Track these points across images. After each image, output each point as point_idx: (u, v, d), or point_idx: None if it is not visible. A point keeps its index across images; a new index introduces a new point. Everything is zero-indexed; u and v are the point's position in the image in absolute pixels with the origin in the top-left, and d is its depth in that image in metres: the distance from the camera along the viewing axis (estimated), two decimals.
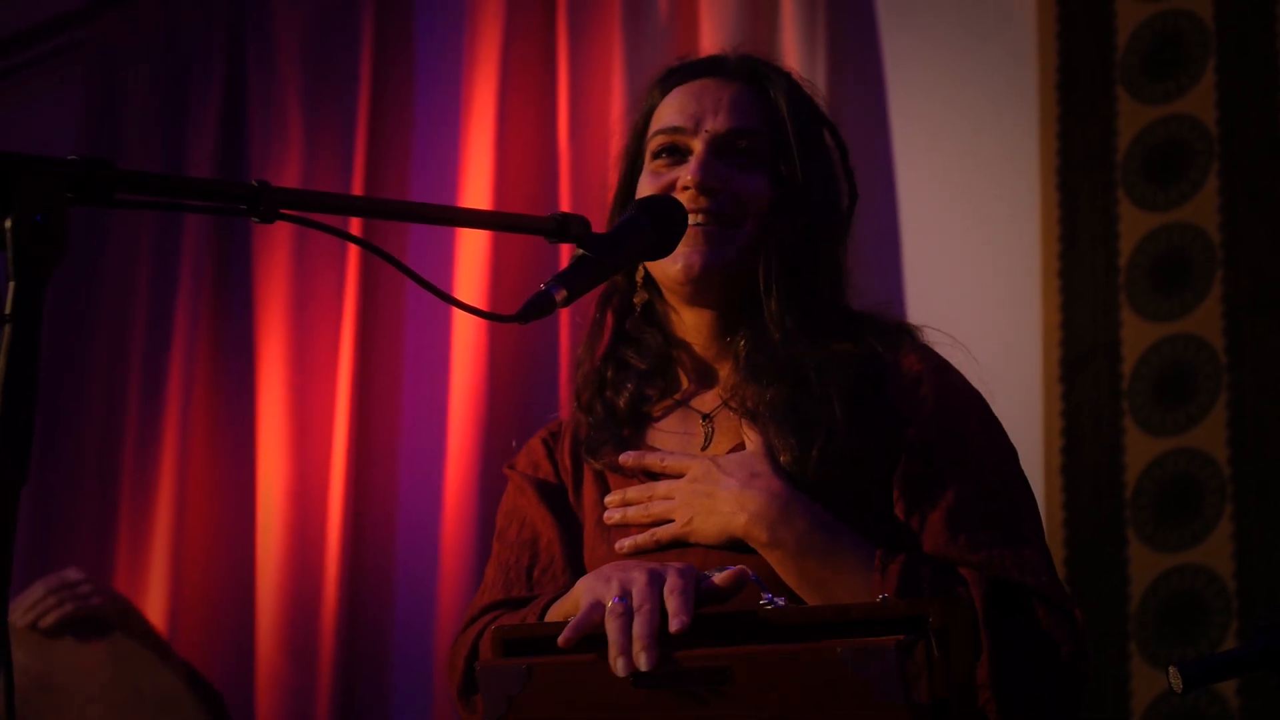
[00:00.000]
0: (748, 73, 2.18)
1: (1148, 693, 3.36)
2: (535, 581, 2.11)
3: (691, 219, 2.07)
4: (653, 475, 2.08)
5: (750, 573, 1.78)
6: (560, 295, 1.86)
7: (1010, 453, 2.06)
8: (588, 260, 1.92)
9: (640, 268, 2.17)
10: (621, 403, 2.16)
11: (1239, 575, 3.31)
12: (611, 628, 1.69)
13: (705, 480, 2.01)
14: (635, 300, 2.18)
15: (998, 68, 3.76)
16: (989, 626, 1.84)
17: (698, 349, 2.15)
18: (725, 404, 2.10)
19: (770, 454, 2.00)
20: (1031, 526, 2.00)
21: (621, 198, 2.20)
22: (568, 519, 2.16)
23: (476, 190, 4.32)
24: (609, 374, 2.18)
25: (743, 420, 2.06)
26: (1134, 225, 3.54)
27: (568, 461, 2.20)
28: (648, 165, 2.16)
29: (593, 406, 2.18)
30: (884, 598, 1.71)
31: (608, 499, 2.10)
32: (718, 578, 1.76)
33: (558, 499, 2.18)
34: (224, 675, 4.49)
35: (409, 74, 4.70)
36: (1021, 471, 2.06)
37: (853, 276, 2.27)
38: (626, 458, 2.11)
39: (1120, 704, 3.37)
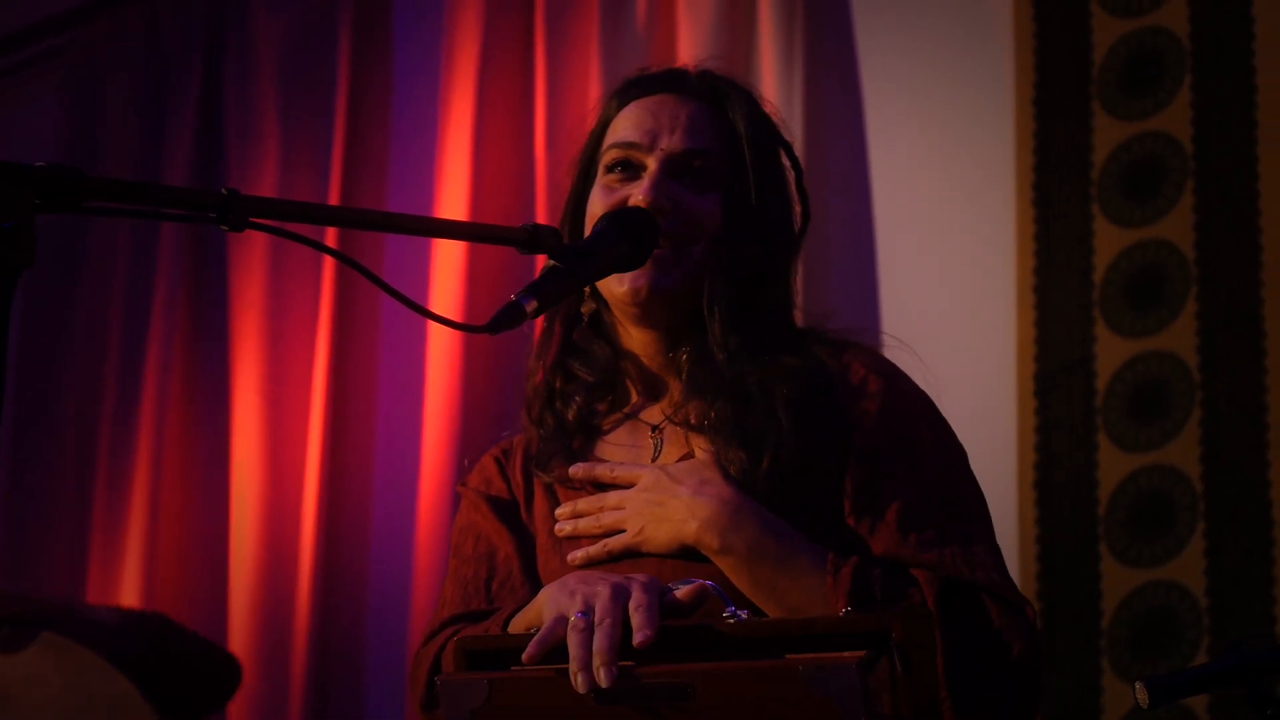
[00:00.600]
0: (707, 91, 2.16)
1: (1119, 708, 3.36)
2: (494, 595, 2.10)
3: None
4: (603, 486, 2.08)
5: (713, 586, 1.78)
6: (531, 306, 1.86)
7: (958, 453, 2.07)
8: (559, 271, 1.92)
9: None
10: (570, 415, 2.15)
11: (1211, 591, 3.32)
12: (573, 643, 1.68)
13: (656, 489, 2.01)
14: (583, 310, 2.16)
15: (974, 82, 3.77)
16: (942, 626, 1.84)
17: (644, 361, 2.14)
18: (669, 419, 2.10)
19: (719, 463, 2.00)
20: (980, 525, 2.00)
21: (571, 207, 2.19)
22: (522, 533, 2.15)
23: (453, 201, 4.32)
24: (557, 385, 2.17)
25: (689, 433, 2.06)
26: (1109, 242, 3.54)
27: (519, 477, 2.19)
28: (600, 178, 2.14)
29: (543, 418, 2.17)
30: (847, 611, 1.71)
31: (558, 511, 2.09)
32: (680, 592, 1.76)
33: (511, 514, 2.17)
34: None
35: (386, 84, 4.70)
36: (970, 471, 2.06)
37: (823, 286, 2.27)
38: (576, 469, 2.10)
39: (1091, 718, 3.37)
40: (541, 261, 1.97)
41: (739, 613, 1.69)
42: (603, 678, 1.65)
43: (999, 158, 3.68)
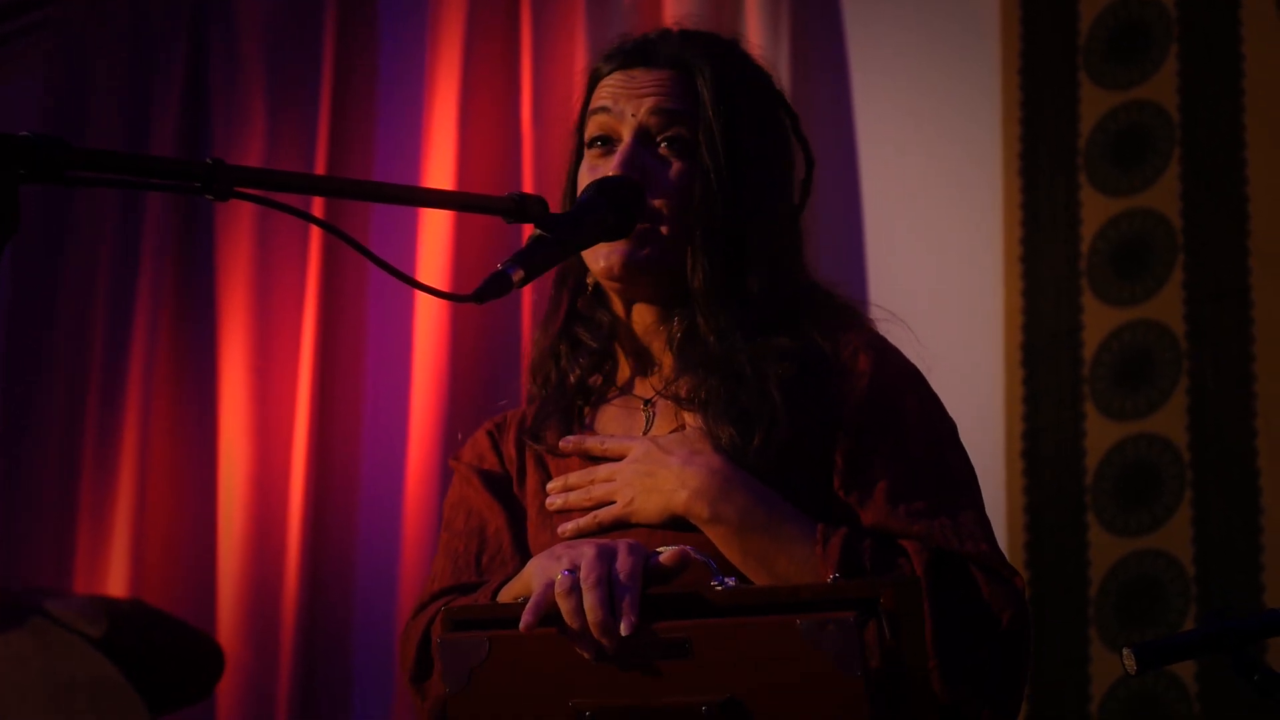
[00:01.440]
0: (677, 58, 2.15)
1: (1107, 676, 3.37)
2: (484, 568, 2.10)
3: None
4: (593, 460, 2.08)
5: (695, 552, 1.78)
6: (517, 275, 1.86)
7: (947, 426, 2.07)
8: (545, 241, 1.92)
9: None
10: (572, 379, 2.15)
11: (1198, 560, 3.33)
12: (564, 608, 1.70)
13: (646, 460, 2.01)
14: (587, 280, 2.16)
15: (961, 53, 3.77)
16: (931, 596, 1.85)
17: (637, 333, 2.14)
18: (660, 393, 2.10)
19: (711, 435, 2.01)
20: (969, 496, 2.01)
21: (567, 182, 2.19)
22: (514, 507, 2.15)
23: (440, 174, 4.32)
24: (562, 348, 2.17)
25: (681, 408, 2.06)
26: (1096, 211, 3.55)
27: (512, 451, 2.19)
28: (586, 154, 2.14)
29: (547, 380, 2.17)
30: (835, 578, 1.72)
31: (549, 485, 2.09)
32: (663, 556, 1.77)
33: (503, 488, 2.17)
34: None
35: (372, 57, 4.69)
36: (960, 443, 2.06)
37: (811, 260, 2.26)
38: (566, 442, 2.10)
39: (1080, 687, 3.38)
40: (528, 231, 1.96)
41: (725, 580, 1.70)
42: (607, 645, 1.68)
43: (986, 127, 3.68)
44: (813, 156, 2.25)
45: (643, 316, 2.13)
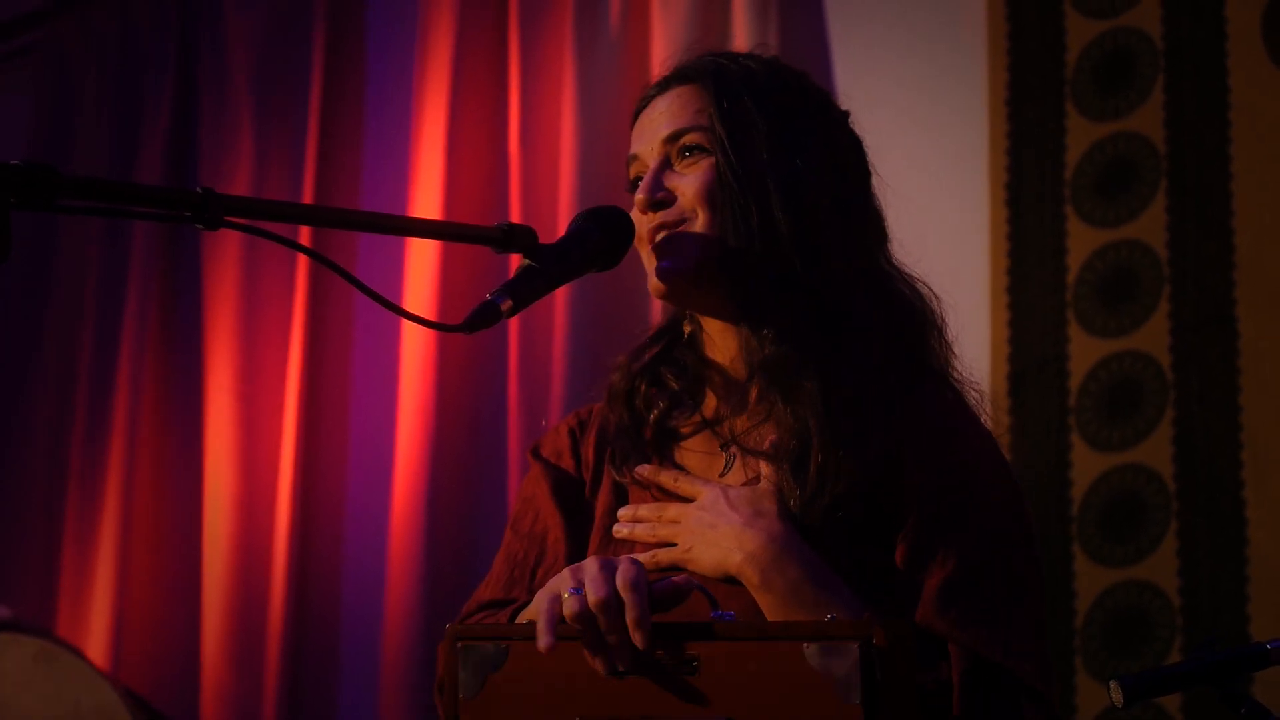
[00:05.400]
0: (683, 75, 2.15)
1: (1093, 706, 3.37)
2: (539, 579, 2.11)
3: (650, 238, 2.07)
4: (666, 493, 2.08)
5: (697, 584, 1.79)
6: (506, 305, 1.86)
7: (1021, 520, 2.02)
8: (534, 270, 1.92)
9: None
10: (651, 417, 2.15)
11: (1184, 590, 3.33)
12: (570, 619, 1.73)
13: (712, 510, 2.00)
14: (685, 327, 2.17)
15: (948, 82, 3.77)
16: (963, 709, 1.84)
17: (726, 366, 2.13)
18: (738, 441, 2.08)
19: (780, 493, 1.99)
20: (1028, 606, 1.96)
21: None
22: (578, 516, 2.16)
23: (427, 201, 4.32)
24: (642, 387, 2.16)
25: (757, 457, 2.05)
26: (1082, 241, 3.55)
27: (590, 456, 2.19)
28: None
29: (621, 414, 2.16)
30: (832, 617, 1.73)
31: (620, 512, 2.09)
32: (665, 583, 1.78)
33: (571, 495, 2.17)
34: (168, 684, 4.48)
35: (360, 84, 4.69)
36: (1029, 541, 2.01)
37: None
38: (642, 470, 2.10)
39: (1065, 718, 3.38)
40: (516, 260, 1.96)
41: (725, 614, 1.73)
42: (624, 662, 1.71)
43: (972, 157, 3.69)
44: (858, 139, 2.21)
45: (724, 339, 2.12)
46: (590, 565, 1.76)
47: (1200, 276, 3.42)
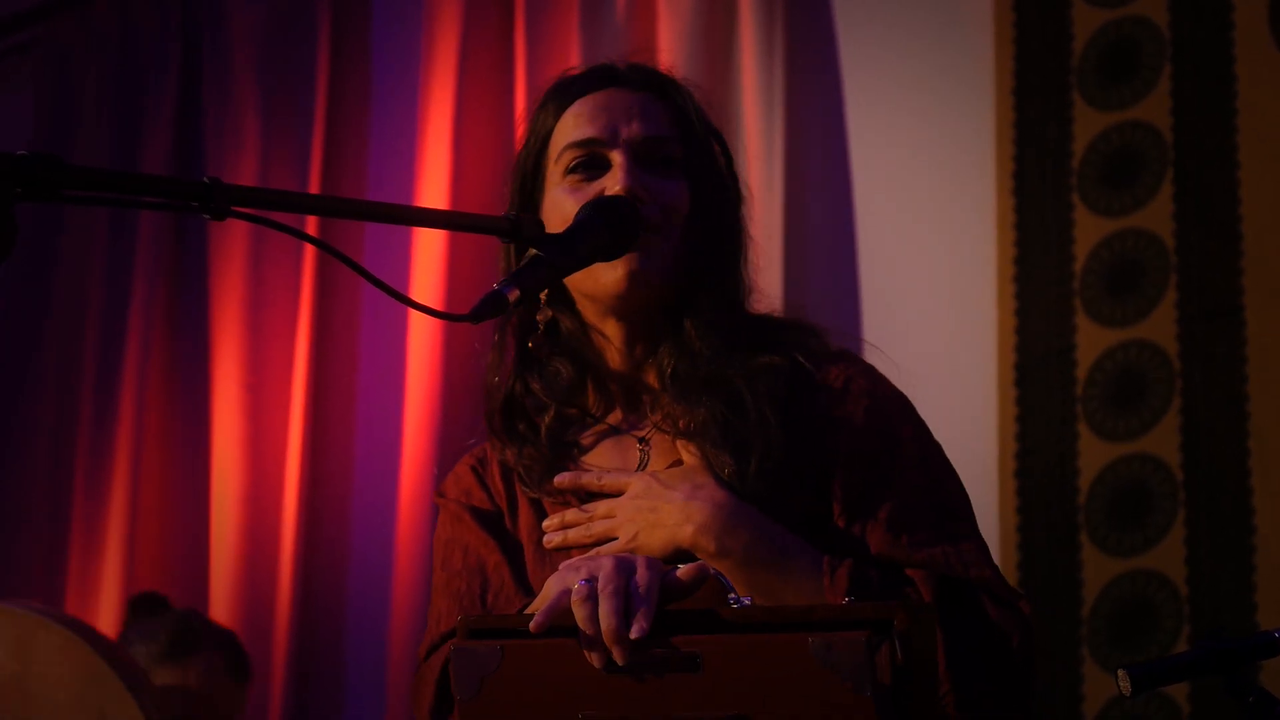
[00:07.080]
0: (648, 81, 2.14)
1: (1100, 696, 3.37)
2: (490, 606, 2.07)
3: None
4: (590, 496, 2.07)
5: (712, 569, 1.79)
6: (513, 295, 1.85)
7: (938, 451, 2.07)
8: (541, 261, 1.92)
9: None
10: (542, 436, 2.12)
11: (1191, 580, 3.33)
12: (579, 615, 1.70)
13: (647, 495, 1.99)
14: (539, 318, 2.12)
15: (955, 72, 3.77)
16: (942, 623, 1.85)
17: (616, 365, 2.12)
18: (657, 427, 2.08)
19: (710, 467, 2.00)
20: (968, 523, 2.02)
21: (526, 205, 2.16)
22: (508, 543, 2.12)
23: (433, 192, 4.32)
24: (527, 402, 2.14)
25: (678, 439, 2.05)
26: (1089, 231, 3.55)
27: (500, 485, 2.16)
28: (560, 182, 2.09)
29: (511, 440, 2.14)
30: (850, 600, 1.72)
31: (545, 523, 2.06)
32: (680, 571, 1.76)
33: (495, 524, 2.13)
34: None
35: (366, 75, 4.69)
36: (952, 468, 2.07)
37: (804, 278, 2.26)
38: (562, 479, 2.07)
39: (1072, 707, 3.38)
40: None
41: (742, 599, 1.71)
42: (618, 655, 1.68)
43: (979, 148, 3.69)
44: (741, 195, 2.22)
45: (623, 340, 2.11)
46: (606, 562, 1.74)
47: (1207, 266, 3.42)
